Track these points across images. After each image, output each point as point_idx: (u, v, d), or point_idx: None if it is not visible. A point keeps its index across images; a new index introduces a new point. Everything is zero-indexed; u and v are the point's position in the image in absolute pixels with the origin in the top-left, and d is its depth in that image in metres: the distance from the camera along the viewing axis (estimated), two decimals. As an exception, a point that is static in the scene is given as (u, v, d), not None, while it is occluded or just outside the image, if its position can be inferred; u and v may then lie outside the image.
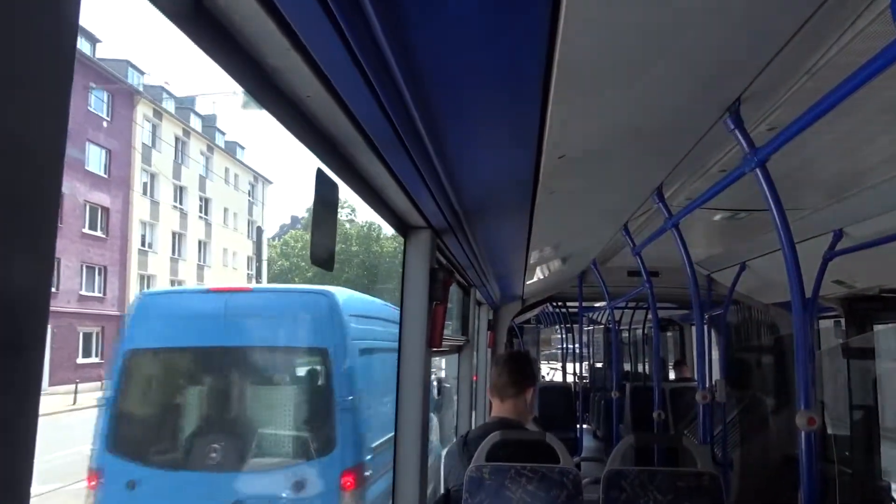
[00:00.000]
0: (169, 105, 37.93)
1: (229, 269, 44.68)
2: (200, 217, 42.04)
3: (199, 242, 41.78)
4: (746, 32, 1.49)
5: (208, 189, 42.75)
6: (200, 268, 41.28)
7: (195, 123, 41.82)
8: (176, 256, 38.49)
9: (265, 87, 1.23)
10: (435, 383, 8.35)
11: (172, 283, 36.51)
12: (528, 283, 5.82)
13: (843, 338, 4.83)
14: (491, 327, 6.83)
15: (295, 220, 63.69)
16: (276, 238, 62.17)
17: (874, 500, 4.46)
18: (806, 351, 2.15)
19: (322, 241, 1.61)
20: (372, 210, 2.12)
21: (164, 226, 37.04)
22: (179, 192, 39.42)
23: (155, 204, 36.15)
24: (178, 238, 39.12)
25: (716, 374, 6.36)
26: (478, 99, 1.58)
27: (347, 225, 56.76)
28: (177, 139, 38.76)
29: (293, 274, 58.91)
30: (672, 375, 9.96)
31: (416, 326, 2.70)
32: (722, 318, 5.96)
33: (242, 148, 50.00)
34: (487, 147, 1.94)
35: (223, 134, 46.85)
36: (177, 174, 38.90)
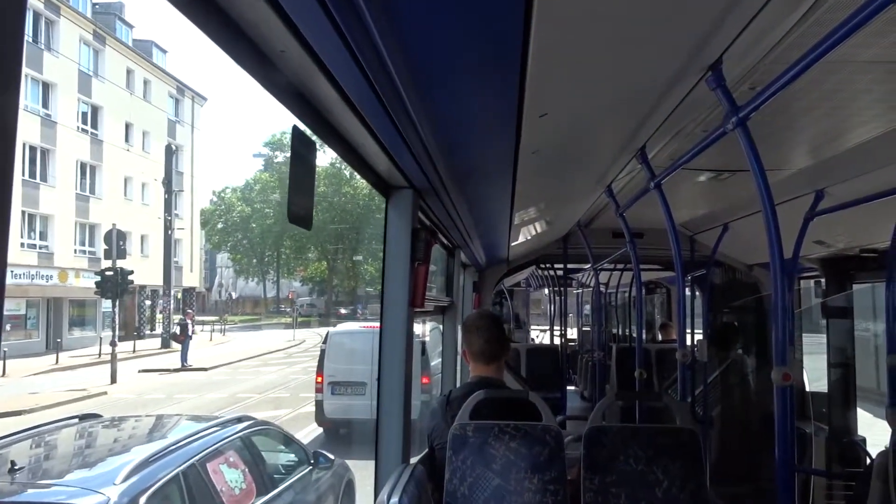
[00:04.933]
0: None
1: (136, 204, 35.14)
2: (82, 130, 31.47)
3: (80, 165, 31.36)
4: None
5: (96, 93, 32.03)
6: (83, 198, 31.47)
7: (82, 4, 31.56)
8: (34, 180, 28.41)
9: (237, 41, 1.20)
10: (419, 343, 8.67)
11: (27, 216, 27.94)
12: (513, 244, 5.82)
13: (822, 297, 4.90)
14: (476, 289, 6.85)
15: (268, 164, 56.12)
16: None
17: (849, 455, 4.57)
18: (783, 310, 2.17)
19: (299, 200, 1.60)
20: (351, 169, 2.10)
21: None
22: (43, 89, 28.92)
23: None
24: (38, 154, 28.66)
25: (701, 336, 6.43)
26: (457, 54, 1.56)
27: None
28: (35, 14, 28.03)
29: (253, 220, 53.85)
30: (660, 337, 10.07)
31: (398, 286, 2.70)
32: (705, 279, 6.01)
33: (163, 51, 39.96)
34: (468, 104, 1.92)
35: (130, 27, 36.81)
36: (35, 63, 27.93)
